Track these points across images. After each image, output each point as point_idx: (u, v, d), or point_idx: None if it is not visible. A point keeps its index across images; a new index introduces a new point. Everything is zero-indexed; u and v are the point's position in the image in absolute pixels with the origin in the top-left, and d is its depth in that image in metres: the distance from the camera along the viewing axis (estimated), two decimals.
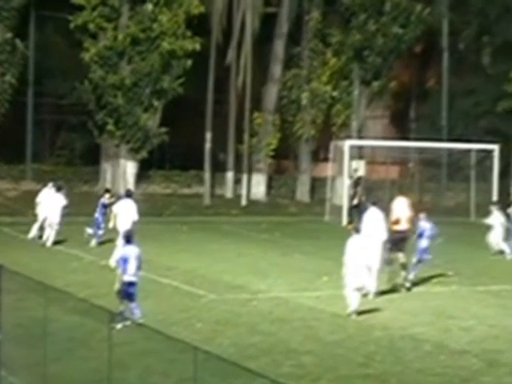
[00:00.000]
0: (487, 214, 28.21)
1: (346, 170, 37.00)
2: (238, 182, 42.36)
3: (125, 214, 22.81)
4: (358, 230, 17.84)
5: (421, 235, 21.49)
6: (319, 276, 21.53)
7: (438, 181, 44.23)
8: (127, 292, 15.64)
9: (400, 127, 50.15)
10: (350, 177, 37.00)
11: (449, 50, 46.06)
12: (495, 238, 27.09)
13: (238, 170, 42.36)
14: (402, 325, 16.96)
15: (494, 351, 15.15)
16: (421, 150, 41.25)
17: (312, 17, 42.48)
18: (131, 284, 15.72)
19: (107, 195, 26.41)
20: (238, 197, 41.73)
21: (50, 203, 26.18)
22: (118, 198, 25.95)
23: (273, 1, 43.70)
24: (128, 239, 16.31)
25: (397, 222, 20.85)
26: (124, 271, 15.75)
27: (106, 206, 25.55)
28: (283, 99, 43.41)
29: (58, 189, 26.92)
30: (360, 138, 42.35)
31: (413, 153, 42.55)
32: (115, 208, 23.56)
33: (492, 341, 15.90)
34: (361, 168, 39.03)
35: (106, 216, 24.94)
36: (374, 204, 20.71)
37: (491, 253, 26.83)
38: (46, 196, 26.79)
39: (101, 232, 25.64)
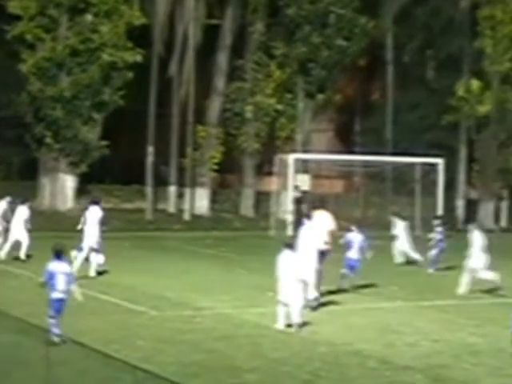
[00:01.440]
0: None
1: (291, 183, 37.16)
2: (180, 196, 42.29)
3: (91, 222, 23.12)
4: (289, 245, 17.93)
5: (349, 246, 22.32)
6: (264, 292, 21.53)
7: (383, 195, 44.69)
8: (55, 308, 15.43)
9: (345, 141, 50.63)
10: (296, 188, 37.19)
11: (393, 64, 46.72)
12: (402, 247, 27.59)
13: (180, 184, 42.30)
14: (347, 340, 17.05)
15: (439, 366, 15.30)
16: (365, 164, 41.66)
17: (256, 29, 42.71)
18: (59, 301, 15.51)
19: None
20: (180, 211, 41.64)
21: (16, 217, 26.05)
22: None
23: (216, 12, 43.85)
24: (58, 254, 16.04)
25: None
26: (52, 287, 15.54)
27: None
28: (227, 112, 43.52)
29: (22, 202, 26.74)
30: (305, 151, 42.61)
31: (358, 166, 42.95)
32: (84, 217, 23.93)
33: (436, 356, 16.06)
34: (305, 182, 39.28)
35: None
36: (308, 217, 20.85)
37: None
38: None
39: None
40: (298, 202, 35.50)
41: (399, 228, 28.23)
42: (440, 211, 38.25)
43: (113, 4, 39.15)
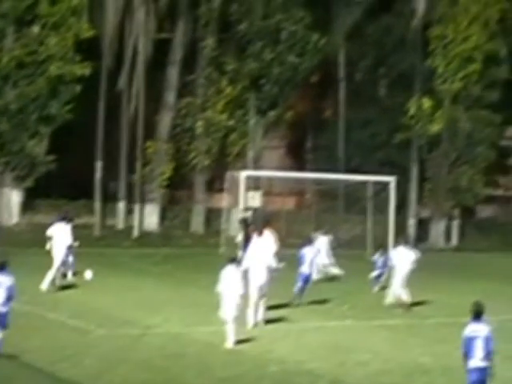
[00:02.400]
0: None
1: (242, 200, 37.24)
2: (129, 212, 42.10)
3: (59, 237, 23.47)
4: (232, 261, 18.06)
5: (302, 261, 22.98)
6: (214, 310, 21.54)
7: (335, 212, 44.94)
8: None
9: (297, 158, 50.89)
10: (246, 209, 37.27)
11: (345, 81, 47.14)
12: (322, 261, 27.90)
13: (129, 200, 42.13)
14: (298, 359, 17.13)
15: None
16: (317, 181, 41.93)
17: (207, 44, 42.79)
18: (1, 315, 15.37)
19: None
20: (129, 228, 41.45)
21: None
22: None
23: (166, 26, 43.86)
24: (1, 267, 15.89)
25: None
26: None
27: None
28: (177, 127, 43.49)
29: None
30: (256, 168, 42.74)
31: (309, 184, 43.19)
32: (50, 231, 24.08)
33: (387, 375, 16.21)
34: (257, 199, 39.40)
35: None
36: (261, 233, 21.07)
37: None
38: None
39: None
40: (244, 222, 35.20)
41: (321, 243, 28.39)
42: (391, 229, 38.62)
43: (61, 16, 38.92)
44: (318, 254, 23.48)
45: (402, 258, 23.74)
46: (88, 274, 25.39)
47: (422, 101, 46.01)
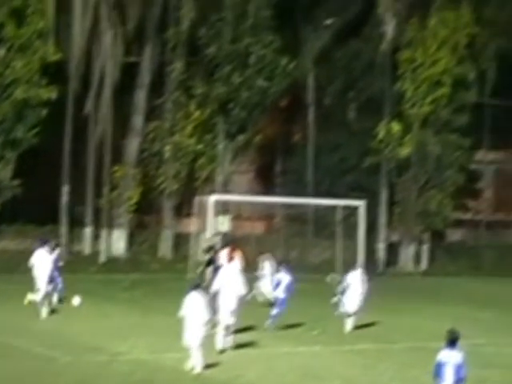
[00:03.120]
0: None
1: (211, 225, 37.27)
2: (96, 237, 41.95)
3: (40, 265, 24.05)
4: (196, 287, 18.15)
5: (277, 286, 23.44)
6: (181, 336, 21.54)
7: (304, 237, 45.11)
8: None
9: (266, 182, 51.01)
10: (216, 234, 37.31)
11: (315, 105, 47.48)
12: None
13: (96, 225, 41.99)
14: None
15: None
16: (287, 206, 42.08)
17: (175, 67, 42.91)
18: None
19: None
20: (96, 253, 41.29)
21: None
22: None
23: (134, 50, 43.93)
24: None
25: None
26: None
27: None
28: (145, 152, 43.49)
29: None
30: (225, 192, 42.82)
31: (279, 208, 43.32)
32: (32, 259, 24.61)
33: None
34: (225, 223, 39.43)
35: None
36: (232, 259, 21.24)
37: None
38: None
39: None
40: (209, 250, 34.99)
41: (266, 269, 28.55)
42: (361, 254, 38.84)
43: (27, 39, 38.92)
44: (293, 281, 23.76)
45: (356, 282, 24.23)
46: (76, 300, 26.02)
47: (391, 125, 46.42)
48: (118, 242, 42.59)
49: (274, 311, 23.57)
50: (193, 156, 43.30)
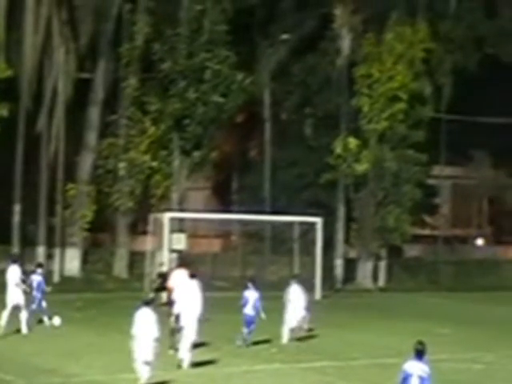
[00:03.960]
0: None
1: (167, 243, 37.14)
2: (50, 257, 41.57)
3: (11, 281, 24.43)
4: (147, 303, 18.11)
5: (245, 303, 23.67)
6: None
7: (261, 254, 45.13)
8: None
9: (222, 199, 51.03)
10: (173, 251, 37.17)
11: (271, 121, 47.64)
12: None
13: (49, 245, 41.62)
14: None
15: None
16: (244, 223, 42.08)
17: (129, 83, 42.78)
18: None
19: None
20: (49, 273, 40.83)
21: None
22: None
23: (87, 65, 43.76)
24: None
25: (171, 291, 22.98)
26: None
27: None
28: (99, 169, 43.26)
29: None
30: (181, 210, 42.69)
31: (235, 225, 43.30)
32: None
33: None
34: (181, 241, 39.29)
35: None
36: (193, 277, 21.20)
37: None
38: None
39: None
40: (161, 276, 34.72)
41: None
42: (318, 270, 38.94)
43: None
44: (261, 299, 23.97)
45: (297, 296, 24.71)
46: (56, 320, 26.30)
47: (348, 140, 46.69)
48: (71, 261, 42.25)
49: (246, 329, 23.63)
50: (148, 173, 43.13)
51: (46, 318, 26.59)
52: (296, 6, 47.74)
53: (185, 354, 20.10)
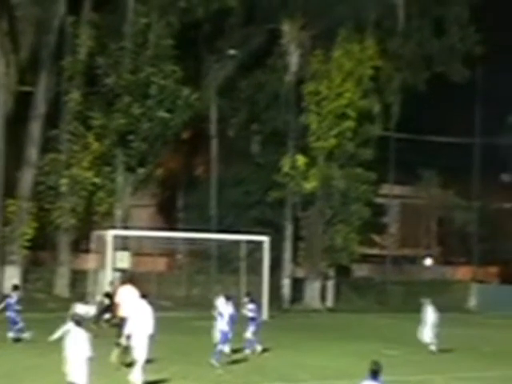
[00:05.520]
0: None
1: (110, 261, 36.86)
2: None
3: None
4: (76, 322, 17.94)
5: (220, 319, 24.04)
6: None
7: (208, 273, 45.01)
8: None
9: (167, 217, 50.86)
10: (116, 270, 36.92)
11: (218, 137, 47.65)
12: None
13: None
14: None
15: None
16: (189, 241, 41.93)
17: (72, 98, 42.51)
18: None
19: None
20: None
21: None
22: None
23: (28, 79, 43.36)
24: None
25: (118, 308, 23.49)
26: None
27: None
28: (40, 185, 42.82)
29: None
30: (124, 227, 42.44)
31: (181, 244, 43.15)
32: None
33: None
34: (125, 260, 39.04)
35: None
36: (144, 297, 21.11)
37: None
38: None
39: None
40: (107, 296, 34.44)
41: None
42: (265, 290, 38.94)
43: None
44: (236, 313, 24.50)
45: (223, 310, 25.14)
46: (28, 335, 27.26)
47: (296, 158, 46.88)
48: (11, 279, 41.62)
49: (220, 346, 23.83)
50: (91, 189, 42.83)
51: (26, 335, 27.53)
52: (244, 21, 47.93)
53: (137, 377, 19.93)
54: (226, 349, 24.12)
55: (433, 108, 52.58)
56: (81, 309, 28.50)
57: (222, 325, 24.13)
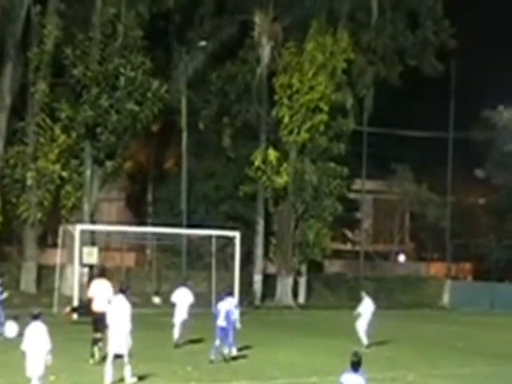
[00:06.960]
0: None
1: (77, 256, 36.62)
2: None
3: None
4: (35, 317, 17.86)
5: (217, 315, 24.43)
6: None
7: (178, 269, 44.82)
8: None
9: (137, 211, 50.61)
10: (84, 265, 36.73)
11: (188, 130, 47.40)
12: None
13: None
14: None
15: None
16: (159, 236, 41.74)
17: (38, 89, 42.16)
18: None
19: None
20: None
21: None
22: None
23: None
24: None
25: (91, 302, 23.61)
26: None
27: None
28: (5, 178, 42.48)
29: None
30: (92, 222, 42.19)
31: (150, 239, 42.94)
32: None
33: None
34: (93, 255, 38.80)
35: None
36: (122, 292, 20.96)
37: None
38: None
39: None
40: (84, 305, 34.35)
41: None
42: (237, 286, 38.81)
43: None
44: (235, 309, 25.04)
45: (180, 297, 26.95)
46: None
47: (268, 152, 46.76)
48: None
49: (218, 342, 24.09)
50: (58, 183, 42.54)
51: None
52: (215, 11, 47.75)
53: (128, 377, 19.92)
54: (227, 351, 24.25)
55: (406, 102, 52.66)
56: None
57: (220, 321, 24.38)
